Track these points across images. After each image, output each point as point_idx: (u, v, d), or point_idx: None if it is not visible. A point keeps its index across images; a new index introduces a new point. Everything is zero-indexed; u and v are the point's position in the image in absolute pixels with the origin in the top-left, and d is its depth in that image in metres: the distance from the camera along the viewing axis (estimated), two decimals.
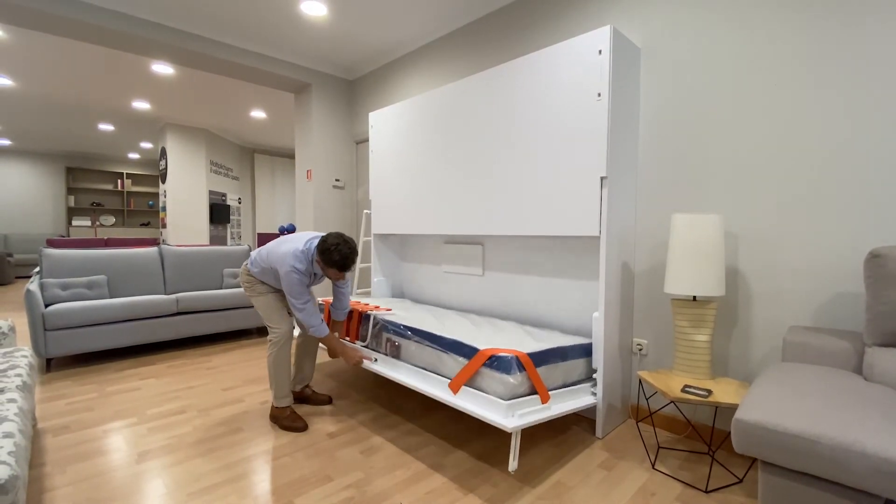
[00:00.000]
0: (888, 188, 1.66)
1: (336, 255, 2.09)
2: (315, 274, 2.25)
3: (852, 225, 1.74)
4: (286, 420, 2.24)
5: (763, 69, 1.95)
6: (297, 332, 2.62)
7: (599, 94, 2.08)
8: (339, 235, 2.15)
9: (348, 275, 2.35)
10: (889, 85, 1.65)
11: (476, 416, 1.90)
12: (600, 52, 2.07)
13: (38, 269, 3.42)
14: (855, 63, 1.72)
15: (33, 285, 3.15)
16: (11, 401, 1.56)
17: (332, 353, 2.36)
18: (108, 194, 9.73)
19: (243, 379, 2.97)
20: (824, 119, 1.80)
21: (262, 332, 4.39)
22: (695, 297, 1.97)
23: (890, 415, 1.13)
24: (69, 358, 3.46)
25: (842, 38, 1.75)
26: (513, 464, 1.70)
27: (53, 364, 3.29)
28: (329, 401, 2.57)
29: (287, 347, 2.28)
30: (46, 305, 3.16)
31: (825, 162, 1.80)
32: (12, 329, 2.37)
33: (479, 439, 2.14)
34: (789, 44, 1.88)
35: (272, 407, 2.31)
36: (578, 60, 2.16)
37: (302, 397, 2.58)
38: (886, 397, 1.23)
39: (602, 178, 2.09)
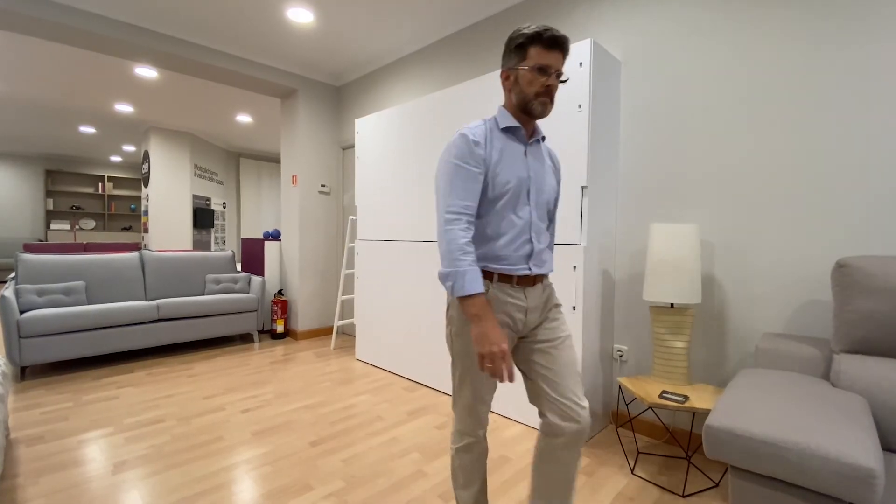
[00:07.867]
0: (857, 198, 1.73)
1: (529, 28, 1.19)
2: (486, 160, 1.21)
3: (823, 234, 1.81)
4: None
5: (739, 82, 2.01)
6: None
7: (580, 106, 2.12)
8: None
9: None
10: (859, 96, 1.72)
11: None
12: (581, 64, 2.12)
13: (13, 274, 3.34)
14: (827, 75, 1.79)
15: (8, 291, 3.08)
16: None
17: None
18: (88, 197, 9.53)
19: (225, 387, 2.94)
20: (797, 130, 1.86)
21: (245, 338, 4.33)
22: (672, 305, 2.01)
23: (853, 420, 1.17)
24: (45, 366, 3.38)
25: (814, 50, 1.82)
26: None
27: (28, 372, 3.21)
28: None
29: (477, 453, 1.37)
30: (21, 312, 3.09)
31: (798, 172, 1.86)
32: None
33: None
34: (764, 57, 1.94)
35: None
36: None
37: None
38: (851, 403, 1.28)
39: (583, 188, 2.13)
